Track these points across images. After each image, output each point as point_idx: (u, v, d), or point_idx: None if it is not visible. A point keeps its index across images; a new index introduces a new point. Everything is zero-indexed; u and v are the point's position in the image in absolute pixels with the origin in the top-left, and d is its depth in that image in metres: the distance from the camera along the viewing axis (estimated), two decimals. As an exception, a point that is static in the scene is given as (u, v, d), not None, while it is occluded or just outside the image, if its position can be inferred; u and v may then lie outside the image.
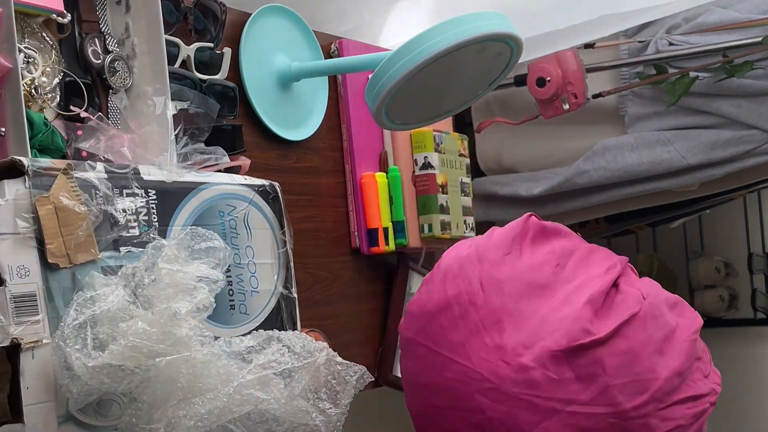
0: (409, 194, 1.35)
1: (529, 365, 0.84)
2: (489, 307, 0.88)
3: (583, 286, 0.89)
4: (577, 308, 0.86)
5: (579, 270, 0.91)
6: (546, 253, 0.92)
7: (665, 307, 0.91)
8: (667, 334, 0.88)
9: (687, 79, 1.77)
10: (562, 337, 0.84)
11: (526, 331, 0.86)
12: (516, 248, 0.92)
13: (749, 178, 2.02)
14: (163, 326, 0.72)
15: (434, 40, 0.94)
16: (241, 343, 0.82)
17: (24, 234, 0.71)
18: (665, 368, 0.86)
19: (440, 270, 0.93)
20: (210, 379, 0.74)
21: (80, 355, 0.69)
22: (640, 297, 0.89)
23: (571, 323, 0.85)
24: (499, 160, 2.17)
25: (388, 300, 1.37)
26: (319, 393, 0.83)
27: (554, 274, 0.90)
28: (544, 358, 0.84)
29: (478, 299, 0.88)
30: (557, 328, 0.85)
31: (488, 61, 1.03)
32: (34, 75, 0.84)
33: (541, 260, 0.91)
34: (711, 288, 2.70)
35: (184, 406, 0.73)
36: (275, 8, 1.20)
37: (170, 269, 0.76)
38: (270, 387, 0.78)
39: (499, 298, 0.88)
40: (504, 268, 0.90)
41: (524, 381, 0.84)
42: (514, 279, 0.89)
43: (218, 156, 0.92)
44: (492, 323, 0.87)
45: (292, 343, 0.83)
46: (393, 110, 1.03)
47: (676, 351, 0.88)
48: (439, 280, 0.92)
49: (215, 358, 0.75)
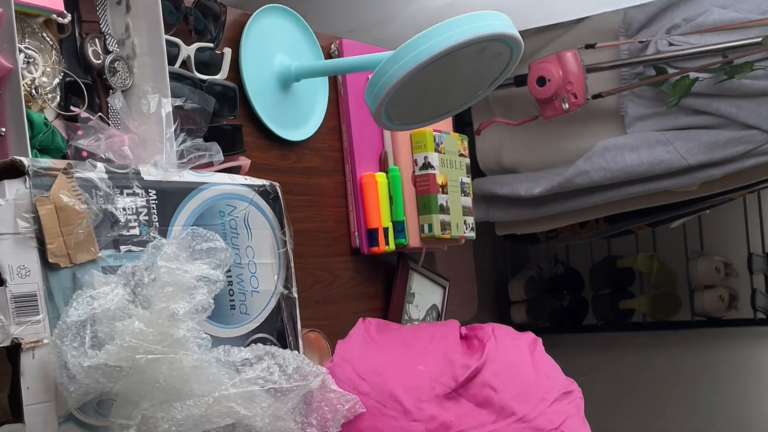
0: (409, 194, 1.35)
1: (436, 413, 0.97)
2: (377, 389, 1.01)
3: (440, 341, 1.06)
4: (446, 355, 1.02)
5: (427, 335, 1.08)
6: (394, 336, 1.09)
7: (507, 331, 1.10)
8: (523, 348, 1.06)
9: (687, 80, 1.77)
10: (448, 380, 0.99)
11: (417, 389, 0.99)
12: (369, 341, 1.08)
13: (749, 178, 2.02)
14: (160, 326, 0.72)
15: (434, 41, 0.94)
16: (239, 353, 0.82)
17: (24, 234, 0.71)
18: (535, 374, 1.03)
19: None
20: (198, 386, 0.74)
21: (76, 354, 0.69)
22: (487, 331, 1.07)
23: (448, 367, 1.00)
24: (499, 160, 2.17)
25: (388, 300, 1.37)
26: (309, 418, 0.84)
27: (410, 344, 1.06)
28: (443, 401, 0.98)
29: (365, 388, 1.01)
30: (440, 374, 1.00)
31: (488, 62, 1.03)
32: (35, 75, 0.84)
33: (394, 341, 1.07)
34: (711, 288, 2.70)
35: (164, 408, 0.72)
36: (275, 8, 1.20)
37: (169, 267, 0.76)
38: (253, 403, 0.78)
39: (380, 378, 1.01)
40: (370, 357, 1.05)
41: (439, 427, 0.97)
42: (383, 359, 1.04)
43: (213, 153, 0.92)
44: (387, 399, 0.99)
45: (287, 362, 0.83)
46: (393, 110, 1.03)
47: (536, 360, 1.05)
48: None
49: (206, 365, 0.75)
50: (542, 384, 1.02)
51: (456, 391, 0.98)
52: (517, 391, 0.99)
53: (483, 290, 2.68)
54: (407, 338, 1.08)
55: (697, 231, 2.75)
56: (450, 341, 1.05)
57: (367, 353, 1.06)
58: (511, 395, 0.99)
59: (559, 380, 1.06)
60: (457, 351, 1.03)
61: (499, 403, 0.98)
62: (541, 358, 1.06)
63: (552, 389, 1.03)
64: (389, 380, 1.00)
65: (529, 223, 2.24)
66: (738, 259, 2.71)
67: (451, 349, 1.03)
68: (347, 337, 1.11)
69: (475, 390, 0.99)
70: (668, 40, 1.82)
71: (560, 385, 1.05)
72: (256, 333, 0.90)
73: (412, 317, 1.39)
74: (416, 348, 1.05)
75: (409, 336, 1.09)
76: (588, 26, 1.94)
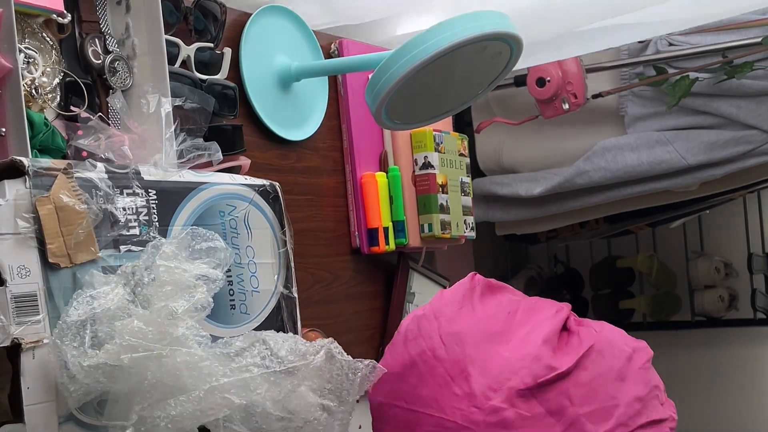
0: (409, 194, 1.35)
1: (501, 407, 0.89)
2: (452, 358, 0.93)
3: (536, 328, 0.95)
4: (536, 347, 0.92)
5: (529, 315, 0.98)
6: (496, 304, 0.99)
7: (618, 337, 0.98)
8: (624, 362, 0.95)
9: (687, 80, 1.77)
10: (527, 376, 0.90)
11: (491, 375, 0.91)
12: (467, 303, 0.99)
13: (749, 178, 2.02)
14: (159, 325, 0.72)
15: (434, 40, 0.94)
16: (235, 342, 0.81)
17: (24, 234, 0.71)
18: (626, 394, 0.92)
19: (401, 334, 0.99)
20: (191, 381, 0.73)
21: (76, 354, 0.69)
22: (593, 331, 0.96)
23: (532, 361, 0.91)
24: (498, 160, 2.17)
25: (388, 300, 1.37)
26: (323, 390, 0.83)
27: (507, 321, 0.96)
28: (513, 397, 0.89)
29: (441, 353, 0.94)
30: (520, 368, 0.91)
31: (488, 61, 1.03)
32: (35, 75, 0.84)
33: (493, 311, 0.97)
34: (711, 288, 2.70)
35: (159, 407, 0.72)
36: (275, 8, 1.20)
37: (168, 266, 0.76)
38: (248, 391, 0.76)
39: (460, 348, 0.93)
40: (460, 322, 0.96)
41: (498, 422, 0.89)
42: (472, 329, 0.95)
43: (212, 152, 0.92)
44: (458, 373, 0.92)
45: (277, 346, 0.82)
46: (393, 110, 1.03)
47: (634, 378, 0.94)
48: (401, 342, 0.98)
49: (197, 359, 0.74)
50: (630, 406, 0.92)
51: (530, 390, 0.89)
52: (596, 408, 0.90)
53: (483, 290, 2.68)
54: (505, 314, 0.97)
55: (697, 231, 2.75)
56: (546, 331, 0.94)
57: (460, 317, 0.97)
58: (588, 411, 0.89)
59: (654, 405, 0.95)
60: (549, 346, 0.92)
61: (571, 417, 0.89)
62: (642, 377, 0.95)
63: (639, 415, 0.92)
64: (468, 356, 0.93)
65: (529, 223, 2.24)
66: (738, 259, 2.71)
67: (543, 341, 0.92)
68: (450, 288, 1.01)
69: (551, 396, 0.90)
70: (668, 40, 1.82)
71: (652, 411, 0.94)
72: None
73: (412, 317, 1.39)
74: (510, 328, 0.95)
75: (507, 312, 0.98)
76: (588, 26, 1.94)
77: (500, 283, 1.03)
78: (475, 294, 1.00)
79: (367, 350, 1.33)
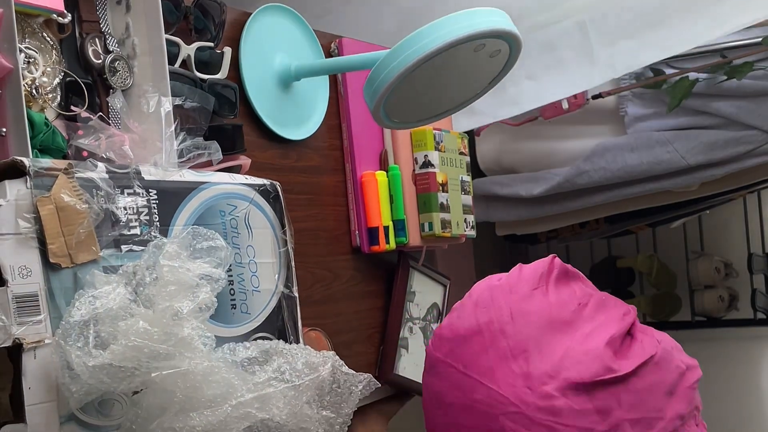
0: (410, 193, 1.35)
1: (553, 394, 0.90)
2: (518, 336, 0.94)
3: (603, 326, 0.96)
4: (600, 346, 0.92)
5: (598, 312, 0.98)
6: (569, 293, 0.99)
7: (675, 352, 0.99)
8: (677, 377, 0.96)
9: (687, 81, 1.77)
10: (585, 370, 0.91)
11: (551, 361, 0.92)
12: (542, 285, 0.99)
13: (749, 178, 2.02)
14: (164, 326, 0.72)
15: (430, 38, 0.94)
16: (246, 351, 0.81)
17: (25, 234, 0.71)
18: (671, 409, 0.93)
19: (472, 298, 0.99)
20: (209, 391, 0.74)
21: (81, 354, 0.69)
22: (656, 342, 0.97)
23: (593, 359, 0.92)
24: (499, 160, 2.17)
25: (388, 298, 1.37)
26: (322, 401, 0.84)
27: (576, 312, 0.97)
28: (567, 388, 0.90)
29: (508, 328, 0.94)
30: (580, 362, 0.91)
31: (487, 60, 1.03)
32: (35, 75, 0.84)
33: (565, 298, 0.98)
34: (711, 288, 2.70)
35: (181, 419, 0.72)
36: (275, 7, 1.20)
37: (172, 266, 0.76)
38: (269, 405, 0.78)
39: (527, 328, 0.94)
40: (532, 302, 0.96)
41: (547, 408, 0.90)
42: (541, 312, 0.95)
43: (212, 151, 0.92)
44: (520, 351, 0.93)
45: (295, 359, 0.83)
46: (392, 109, 1.03)
47: (681, 395, 0.96)
48: (471, 306, 0.98)
49: (215, 370, 0.75)
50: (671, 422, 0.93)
51: (585, 386, 0.90)
52: (641, 417, 0.91)
53: (483, 290, 2.68)
54: (576, 305, 0.98)
55: (697, 231, 2.75)
56: (612, 332, 0.95)
57: (532, 297, 0.97)
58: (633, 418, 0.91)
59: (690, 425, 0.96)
60: (611, 347, 0.93)
61: (615, 419, 0.90)
62: (688, 395, 0.96)
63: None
64: (533, 337, 0.94)
65: (529, 223, 2.24)
66: (738, 259, 2.71)
67: (607, 342, 0.93)
68: (529, 266, 1.02)
69: (603, 395, 0.91)
70: (668, 39, 1.82)
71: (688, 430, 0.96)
72: (257, 332, 0.90)
73: (412, 316, 1.39)
74: (577, 320, 0.96)
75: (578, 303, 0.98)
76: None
77: (576, 272, 1.03)
78: (552, 277, 1.00)
79: (367, 349, 1.33)
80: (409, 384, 1.34)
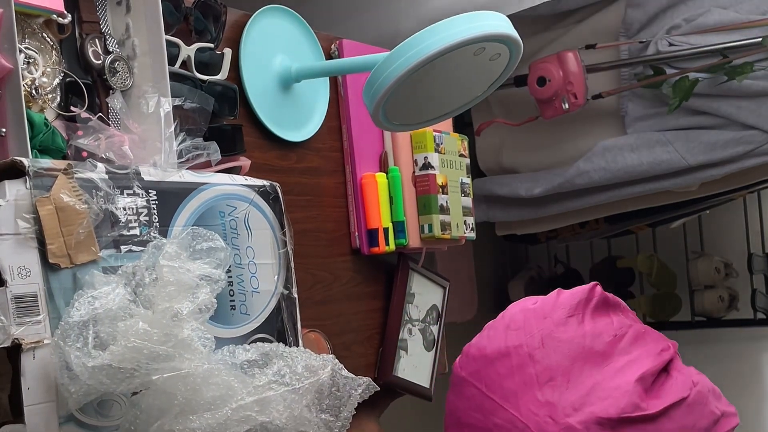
0: (409, 194, 1.35)
1: (576, 427, 0.87)
2: (546, 363, 0.91)
3: (636, 361, 0.92)
4: (630, 382, 0.89)
5: (634, 346, 0.94)
6: (605, 323, 0.95)
7: (711, 397, 0.95)
8: (710, 424, 0.92)
9: (687, 81, 1.77)
10: (611, 406, 0.87)
11: (577, 393, 0.89)
12: (579, 313, 0.96)
13: (749, 179, 2.02)
14: (164, 327, 0.72)
15: (430, 41, 0.94)
16: (246, 353, 0.81)
17: (25, 234, 0.71)
18: None
19: (505, 319, 0.97)
20: (209, 394, 0.74)
21: (80, 354, 0.69)
22: (691, 383, 0.93)
23: (621, 395, 0.88)
24: (499, 160, 2.17)
25: (388, 300, 1.37)
26: (321, 405, 0.83)
27: (611, 344, 0.93)
28: (591, 423, 0.87)
29: (537, 354, 0.92)
30: (608, 397, 0.88)
31: (487, 63, 1.03)
32: (35, 75, 0.84)
33: (600, 329, 0.94)
34: (711, 288, 2.70)
35: (180, 421, 0.72)
36: (276, 9, 1.20)
37: (172, 266, 0.76)
38: (269, 408, 0.78)
39: (557, 356, 0.92)
40: (566, 329, 0.94)
41: None
42: (574, 342, 0.93)
43: (211, 152, 0.92)
44: (546, 379, 0.90)
45: (295, 362, 0.82)
46: (391, 111, 1.03)
47: None
48: (503, 328, 0.96)
49: (215, 372, 0.75)
50: None
51: (611, 422, 0.87)
52: None
53: (483, 290, 2.68)
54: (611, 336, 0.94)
55: (697, 231, 2.75)
56: (644, 369, 0.91)
57: (567, 325, 0.94)
58: None
59: None
60: (642, 384, 0.90)
61: None
62: None
63: None
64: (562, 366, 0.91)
65: (529, 223, 2.24)
66: (738, 259, 2.71)
67: (638, 379, 0.90)
68: (568, 292, 0.99)
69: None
70: (668, 40, 1.82)
71: None
72: (256, 333, 0.90)
73: (412, 317, 1.39)
74: (611, 353, 0.93)
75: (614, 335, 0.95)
76: (588, 27, 1.94)
77: (617, 301, 1.00)
78: (590, 306, 0.97)
79: (366, 350, 1.33)
80: (408, 386, 1.34)
